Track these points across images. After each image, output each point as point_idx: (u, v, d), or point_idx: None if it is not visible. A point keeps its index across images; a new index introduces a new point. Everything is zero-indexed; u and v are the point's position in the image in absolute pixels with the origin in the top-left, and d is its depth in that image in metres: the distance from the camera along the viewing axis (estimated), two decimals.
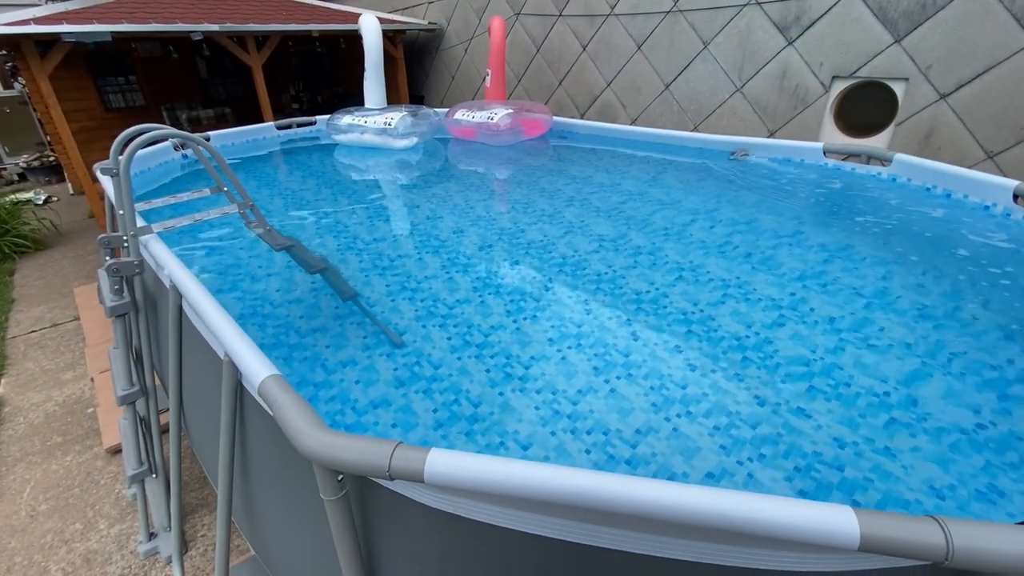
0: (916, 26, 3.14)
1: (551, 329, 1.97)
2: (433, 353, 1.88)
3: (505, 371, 1.76)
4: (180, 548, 2.22)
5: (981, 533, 0.70)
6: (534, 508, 0.87)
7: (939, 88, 3.15)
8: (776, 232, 2.62)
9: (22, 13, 4.27)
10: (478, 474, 0.82)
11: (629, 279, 2.29)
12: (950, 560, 0.69)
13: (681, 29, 4.30)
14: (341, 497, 0.98)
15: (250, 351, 1.19)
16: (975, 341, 1.74)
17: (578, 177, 3.71)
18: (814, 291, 2.09)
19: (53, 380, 3.66)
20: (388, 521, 1.06)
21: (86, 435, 3.10)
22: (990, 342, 1.74)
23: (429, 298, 2.24)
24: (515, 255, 2.60)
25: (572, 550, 0.89)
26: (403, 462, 0.86)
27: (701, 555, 0.82)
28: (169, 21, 4.79)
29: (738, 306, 2.03)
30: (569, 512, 0.85)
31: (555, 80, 5.59)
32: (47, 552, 2.36)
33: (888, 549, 0.71)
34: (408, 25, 6.67)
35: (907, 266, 2.20)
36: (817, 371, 1.66)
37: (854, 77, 3.50)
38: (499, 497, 0.87)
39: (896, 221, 2.58)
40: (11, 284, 5.36)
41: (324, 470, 0.94)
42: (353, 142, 4.55)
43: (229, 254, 2.75)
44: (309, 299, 2.35)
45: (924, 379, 1.60)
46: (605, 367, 1.76)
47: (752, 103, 4.05)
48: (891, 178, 2.94)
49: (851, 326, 1.86)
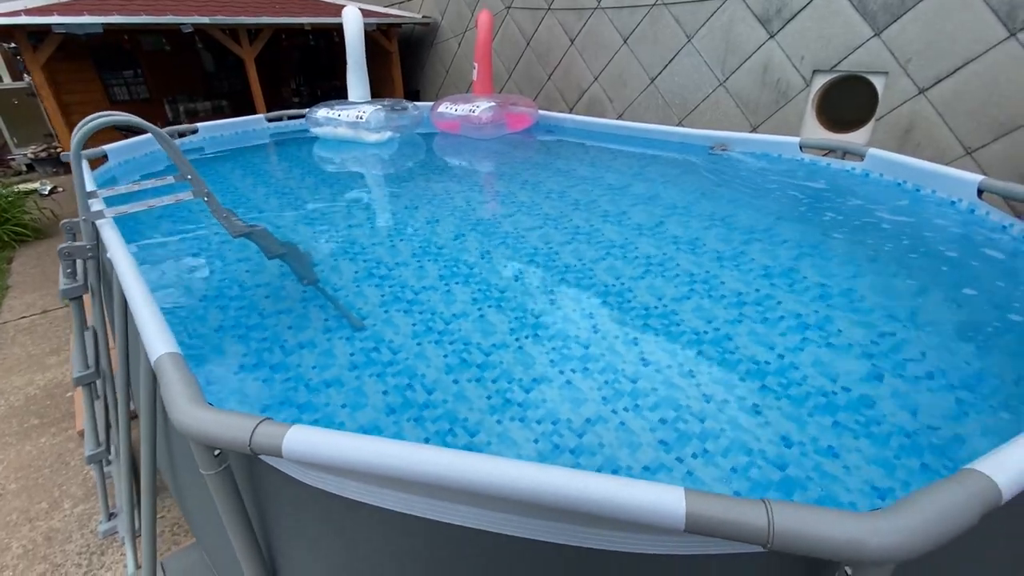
0: (895, 19, 3.08)
1: (514, 320, 1.97)
2: (394, 339, 1.90)
3: (462, 356, 1.78)
4: (133, 530, 2.26)
5: (804, 516, 0.69)
6: (394, 486, 0.88)
7: (918, 82, 3.09)
8: (749, 227, 2.59)
9: (14, 4, 4.35)
10: (331, 450, 0.83)
11: (597, 271, 2.29)
12: (771, 543, 0.69)
13: (665, 23, 4.26)
14: (221, 471, 0.99)
15: (156, 327, 1.21)
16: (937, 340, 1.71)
17: (561, 171, 3.70)
18: (781, 288, 2.06)
19: (37, 364, 3.74)
20: (274, 497, 1.07)
21: (63, 418, 3.17)
22: (950, 340, 1.70)
23: (398, 285, 2.26)
24: (488, 245, 2.60)
25: (425, 526, 0.89)
26: (264, 438, 0.87)
27: (539, 533, 0.83)
28: (160, 13, 4.85)
29: (702, 301, 2.02)
30: (419, 489, 0.85)
31: (544, 74, 5.57)
32: (11, 529, 2.42)
33: (712, 530, 0.71)
34: (403, 19, 6.68)
35: (876, 262, 2.17)
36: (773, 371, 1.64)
37: (835, 71, 3.45)
38: (360, 474, 0.88)
39: (866, 216, 2.54)
40: (8, 271, 5.48)
41: (199, 445, 0.95)
42: (329, 135, 4.59)
43: (204, 241, 2.79)
44: (276, 282, 2.38)
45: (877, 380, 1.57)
46: (561, 360, 1.76)
47: (735, 97, 4.00)
48: (864, 173, 2.90)
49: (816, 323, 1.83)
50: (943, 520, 0.69)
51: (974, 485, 0.73)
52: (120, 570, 2.20)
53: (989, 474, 0.74)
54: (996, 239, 2.13)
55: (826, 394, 1.54)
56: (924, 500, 0.71)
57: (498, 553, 0.89)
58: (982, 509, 0.72)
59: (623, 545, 0.82)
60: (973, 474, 0.75)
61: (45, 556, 2.28)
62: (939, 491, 0.72)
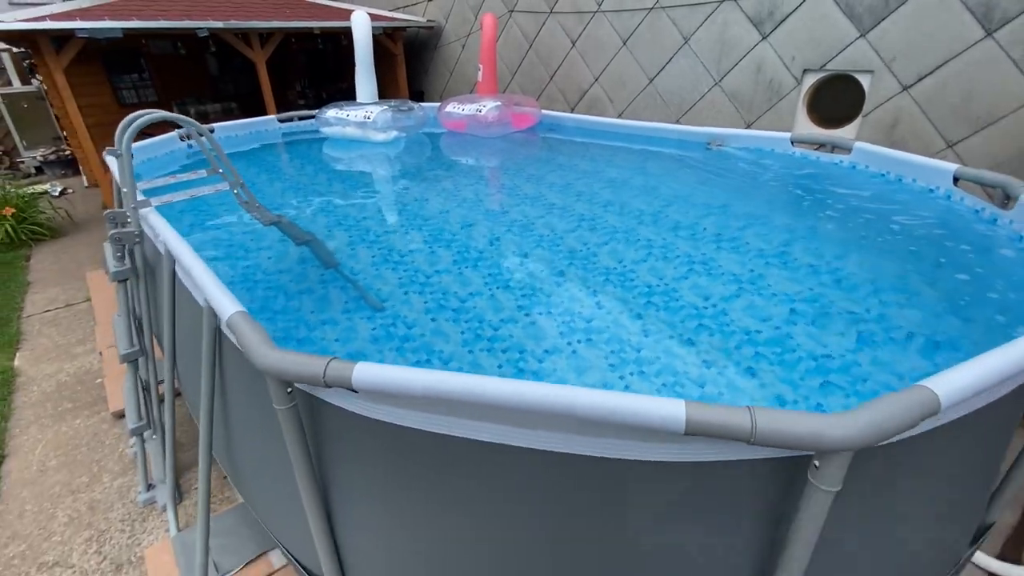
0: (880, 20, 3.27)
1: (521, 297, 2.14)
2: (409, 315, 2.07)
3: (476, 333, 1.95)
4: (175, 497, 2.44)
5: (779, 417, 0.87)
6: (441, 409, 1.06)
7: (902, 80, 3.28)
8: (746, 215, 2.77)
9: (39, 10, 4.53)
10: (392, 379, 1.01)
11: (600, 255, 2.46)
12: (754, 438, 0.87)
13: (663, 25, 4.45)
14: (291, 408, 1.17)
15: (223, 294, 1.39)
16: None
17: (564, 166, 3.88)
18: (775, 267, 2.23)
19: (65, 354, 3.91)
20: (331, 432, 1.25)
21: (94, 402, 3.33)
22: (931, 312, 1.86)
23: (412, 269, 2.44)
24: (496, 232, 2.78)
25: (470, 447, 1.07)
26: (335, 371, 1.05)
27: (575, 447, 1.00)
28: (177, 18, 5.03)
29: (699, 280, 2.19)
30: (462, 411, 1.03)
31: (546, 75, 5.76)
32: (55, 500, 2.59)
33: (707, 431, 0.89)
34: (408, 23, 6.87)
35: (862, 244, 2.35)
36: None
37: (824, 70, 3.64)
38: (411, 399, 1.06)
39: (854, 204, 2.72)
40: (27, 268, 5.64)
41: (276, 381, 1.13)
42: (337, 135, 4.77)
43: (225, 231, 2.96)
44: (297, 268, 2.56)
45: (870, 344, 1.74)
46: (569, 332, 1.93)
47: (730, 96, 4.19)
48: (851, 165, 3.08)
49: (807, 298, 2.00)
50: (889, 419, 0.87)
51: (919, 396, 0.91)
52: (161, 534, 2.37)
53: (931, 387, 0.92)
54: (970, 221, 2.31)
55: (815, 358, 1.71)
56: (877, 404, 0.88)
57: (535, 467, 1.06)
58: (922, 414, 0.90)
59: (640, 453, 0.99)
60: (920, 388, 0.93)
61: (90, 523, 2.45)
62: (890, 399, 0.90)
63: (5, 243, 6.07)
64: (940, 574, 1.55)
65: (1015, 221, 2.09)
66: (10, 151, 10.43)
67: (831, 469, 0.89)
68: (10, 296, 4.89)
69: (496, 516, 1.16)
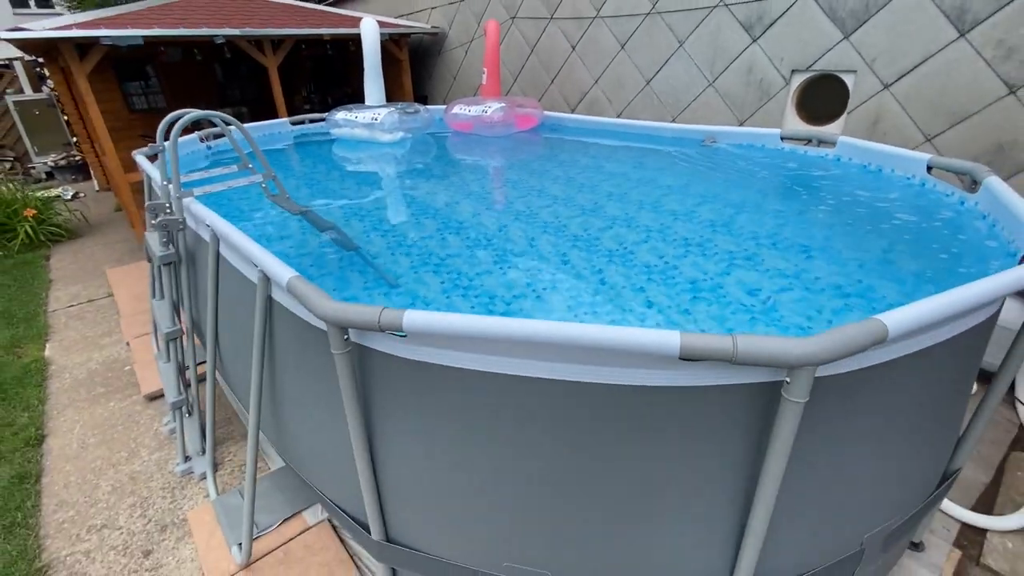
0: (861, 23, 3.50)
1: (530, 277, 2.34)
2: (426, 294, 2.27)
3: (488, 309, 2.15)
4: (213, 466, 2.63)
5: (755, 341, 1.07)
6: (475, 348, 1.26)
7: (883, 79, 3.51)
8: (738, 203, 2.98)
9: (63, 19, 4.75)
10: (437, 322, 1.21)
11: (603, 239, 2.67)
12: (735, 358, 1.07)
13: (659, 30, 4.68)
14: (347, 352, 1.37)
15: (278, 263, 1.59)
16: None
17: (566, 162, 4.10)
18: (766, 247, 2.43)
19: (93, 344, 4.11)
20: (378, 376, 1.45)
21: (125, 387, 3.53)
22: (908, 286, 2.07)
23: (425, 252, 2.64)
24: (503, 221, 2.99)
25: (498, 380, 1.27)
26: (388, 317, 1.25)
27: (588, 376, 1.21)
28: (195, 26, 5.26)
29: (697, 259, 2.39)
30: (496, 348, 1.23)
31: (548, 79, 5.99)
32: (98, 472, 2.78)
33: (698, 355, 1.09)
34: (412, 29, 7.11)
35: (848, 227, 2.55)
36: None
37: (811, 70, 3.86)
38: (451, 339, 1.26)
39: (838, 193, 2.94)
40: (47, 267, 5.84)
41: (335, 328, 1.33)
42: (346, 136, 4.98)
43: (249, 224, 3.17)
44: (318, 251, 2.76)
45: None
46: (576, 305, 2.13)
47: (723, 96, 4.42)
48: (836, 158, 3.30)
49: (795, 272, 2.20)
50: (844, 341, 1.07)
51: (871, 326, 1.11)
52: (201, 500, 2.56)
53: (882, 319, 1.13)
54: (941, 204, 2.53)
55: (803, 329, 1.91)
56: (836, 330, 1.09)
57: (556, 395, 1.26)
58: (873, 340, 1.10)
59: (641, 379, 1.20)
60: (872, 320, 1.13)
61: (133, 491, 2.64)
62: (847, 327, 1.10)
63: (25, 243, 6.27)
64: (909, 510, 1.74)
65: (980, 202, 2.30)
66: (21, 157, 10.64)
67: (799, 383, 1.10)
68: (34, 293, 5.09)
69: (521, 443, 1.36)
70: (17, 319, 4.53)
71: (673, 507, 1.35)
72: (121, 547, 2.33)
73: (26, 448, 2.95)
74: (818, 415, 1.24)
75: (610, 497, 1.37)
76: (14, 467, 2.80)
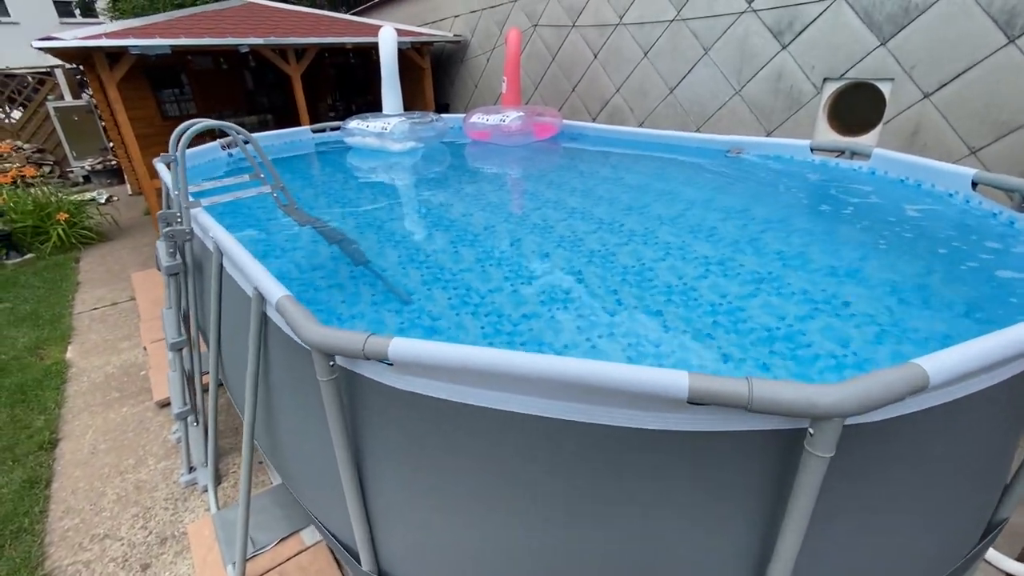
0: (900, 29, 3.31)
1: (541, 294, 2.25)
2: (434, 309, 2.20)
3: (497, 328, 2.06)
4: (215, 479, 2.60)
5: (774, 386, 0.95)
6: (468, 381, 1.17)
7: (923, 87, 3.31)
8: (765, 219, 2.83)
9: (95, 29, 4.89)
10: (425, 352, 1.12)
11: (620, 255, 2.55)
12: (750, 405, 0.95)
13: (683, 36, 4.55)
14: (333, 379, 1.30)
15: (271, 281, 1.54)
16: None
17: (585, 172, 4.00)
18: (792, 268, 2.29)
19: (112, 348, 4.17)
20: (366, 403, 1.37)
21: (139, 392, 3.55)
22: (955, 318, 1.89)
23: (436, 266, 2.57)
24: (516, 234, 2.90)
25: (493, 416, 1.17)
26: (373, 345, 1.17)
27: (590, 416, 1.10)
28: (221, 35, 5.35)
29: (717, 279, 2.26)
30: (490, 382, 1.14)
31: (569, 87, 5.91)
32: (104, 480, 2.78)
33: (707, 399, 0.98)
34: (435, 38, 7.12)
35: (881, 247, 2.38)
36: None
37: (844, 79, 3.68)
38: (440, 371, 1.17)
39: (872, 208, 2.76)
40: (77, 270, 6.01)
41: (320, 355, 1.26)
42: (359, 144, 4.98)
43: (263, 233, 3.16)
44: (329, 265, 2.72)
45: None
46: (588, 327, 2.02)
47: (750, 105, 4.26)
48: (870, 171, 3.11)
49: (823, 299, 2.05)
50: (878, 390, 0.94)
51: (909, 371, 0.98)
52: (202, 512, 2.52)
53: (921, 364, 0.99)
54: (988, 224, 2.34)
55: (835, 356, 1.76)
56: (868, 376, 0.96)
57: (556, 436, 1.16)
58: (911, 388, 0.97)
59: (645, 422, 1.09)
60: (910, 365, 1.00)
61: (136, 501, 2.63)
62: (881, 372, 0.97)
63: (57, 246, 6.47)
64: (947, 566, 1.58)
65: None
66: (60, 161, 11.07)
67: (825, 436, 0.97)
68: (62, 295, 5.22)
69: (515, 483, 1.26)
70: (43, 321, 4.65)
71: (680, 560, 1.23)
72: (121, 559, 2.31)
73: (39, 452, 2.98)
74: (845, 464, 1.11)
75: (610, 543, 1.25)
76: (27, 471, 2.83)
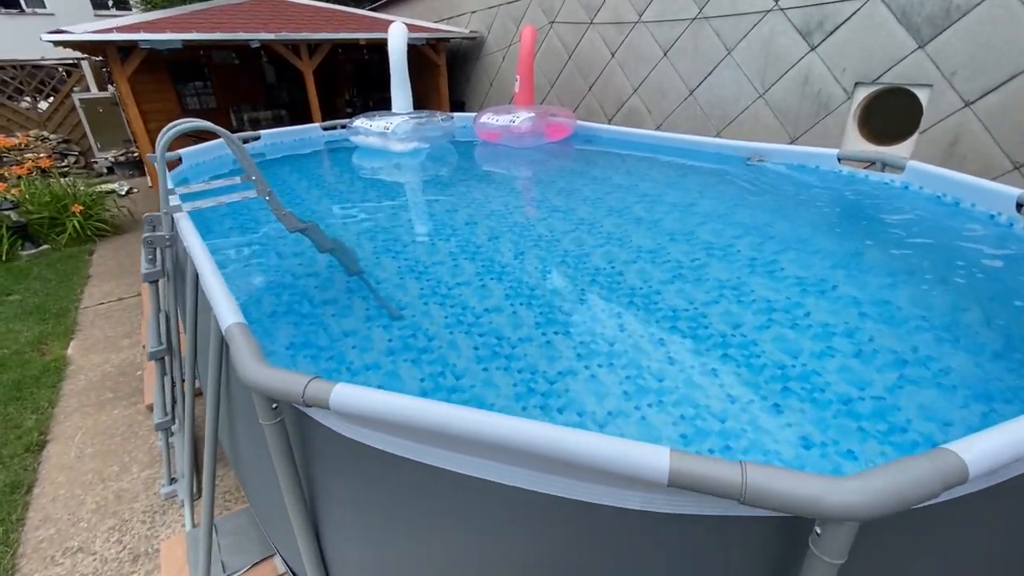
0: (940, 31, 3.04)
1: (540, 316, 2.10)
2: (429, 327, 2.06)
3: (494, 351, 1.91)
4: (192, 493, 2.51)
5: (773, 475, 0.78)
6: (424, 439, 1.02)
7: (963, 95, 3.04)
8: (784, 237, 2.62)
9: (108, 22, 4.87)
10: (370, 404, 0.98)
11: (627, 274, 2.39)
12: (744, 497, 0.78)
13: (706, 36, 4.31)
14: (276, 423, 1.16)
15: (226, 304, 1.41)
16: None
17: (597, 178, 3.81)
18: (812, 296, 2.09)
19: (112, 346, 4.14)
20: (319, 451, 1.23)
21: (133, 393, 3.50)
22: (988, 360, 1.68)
23: (435, 281, 2.44)
24: (520, 248, 2.75)
25: (449, 478, 1.02)
26: (314, 391, 1.03)
27: (557, 488, 0.94)
28: (232, 30, 5.29)
29: (731, 307, 2.07)
30: (445, 442, 0.99)
31: (585, 86, 5.70)
32: (87, 487, 2.72)
33: (693, 485, 0.81)
34: (450, 34, 6.98)
35: (913, 274, 2.16)
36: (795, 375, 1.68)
37: (877, 83, 3.42)
38: (395, 426, 1.03)
39: (904, 228, 2.53)
40: (90, 262, 6.04)
41: (260, 397, 1.13)
42: (363, 144, 4.86)
43: (263, 235, 3.07)
44: (325, 273, 2.61)
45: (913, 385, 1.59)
46: (588, 354, 1.86)
47: (774, 109, 4.01)
48: (904, 186, 2.87)
49: (844, 332, 1.85)
50: (905, 486, 0.76)
51: (942, 460, 0.80)
52: (178, 528, 2.44)
53: (957, 452, 0.81)
54: None
55: (848, 401, 1.57)
56: (891, 468, 0.78)
57: (514, 505, 1.01)
58: (945, 483, 0.78)
59: (617, 500, 0.92)
60: (943, 452, 0.81)
61: (115, 512, 2.55)
62: (907, 462, 0.79)
63: (73, 238, 6.53)
64: None
65: None
66: (85, 152, 11.27)
67: (834, 539, 0.79)
68: (71, 289, 5.24)
69: (473, 547, 1.11)
70: (50, 315, 4.66)
71: None
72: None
73: (26, 454, 2.94)
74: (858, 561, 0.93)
75: None
76: (10, 474, 2.79)
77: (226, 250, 2.88)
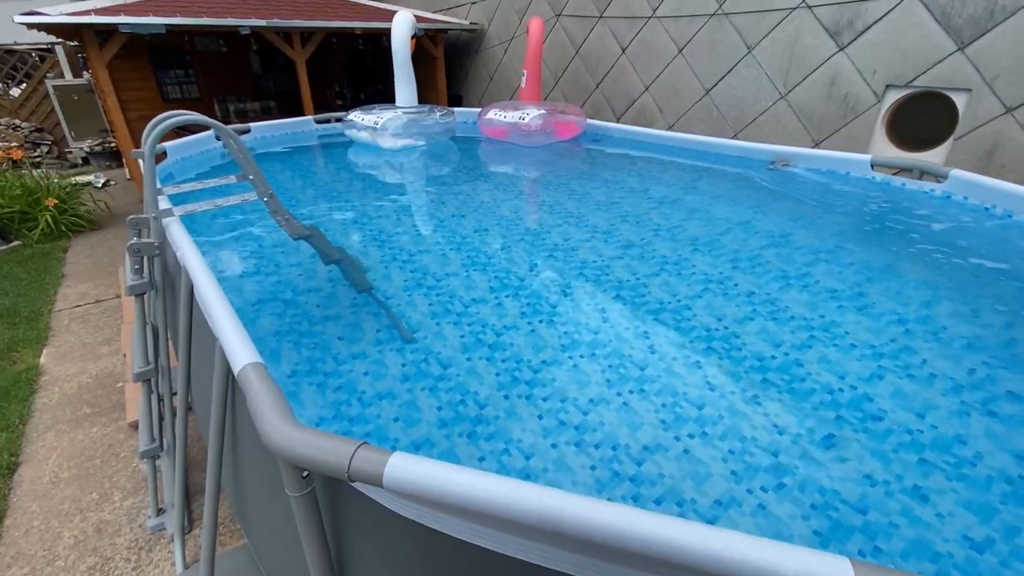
0: (982, 33, 2.90)
1: (564, 336, 1.91)
2: (443, 351, 1.85)
3: (514, 376, 1.71)
4: (183, 527, 2.26)
5: None
6: (500, 526, 0.81)
7: (1005, 101, 2.90)
8: (813, 248, 2.46)
9: (84, 4, 4.52)
10: (439, 483, 0.77)
11: (651, 287, 2.20)
12: None
13: (725, 32, 4.14)
14: (306, 495, 0.94)
15: (237, 336, 1.18)
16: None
17: (609, 181, 3.62)
18: (850, 312, 1.94)
19: (90, 353, 3.83)
20: (357, 525, 1.01)
21: (113, 408, 3.22)
22: None
23: (447, 295, 2.22)
24: (534, 259, 2.54)
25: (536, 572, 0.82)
26: (364, 463, 0.81)
27: None
28: (220, 16, 4.97)
29: (766, 324, 1.91)
30: (537, 534, 0.78)
31: (592, 82, 5.50)
32: (63, 518, 2.45)
33: None
34: (449, 25, 6.71)
35: (957, 293, 2.02)
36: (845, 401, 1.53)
37: (910, 86, 3.27)
38: (465, 511, 0.81)
39: (948, 242, 2.38)
40: (64, 260, 5.67)
41: (289, 466, 0.90)
42: (356, 139, 4.60)
43: (257, 240, 2.81)
44: (328, 288, 2.36)
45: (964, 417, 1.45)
46: (619, 380, 1.68)
47: (797, 111, 3.85)
48: (945, 195, 2.73)
49: (890, 353, 1.71)
50: None
51: None
52: (168, 568, 2.19)
53: None
54: None
55: (911, 431, 1.41)
56: None
57: None
58: None
59: None
60: None
61: (95, 548, 2.29)
62: None
63: (45, 233, 6.13)
64: None
65: None
66: (59, 141, 10.72)
67: None
68: (44, 289, 4.89)
69: None
70: (21, 319, 4.31)
71: None
72: None
73: None
74: None
75: None
76: None
77: (213, 254, 2.62)
